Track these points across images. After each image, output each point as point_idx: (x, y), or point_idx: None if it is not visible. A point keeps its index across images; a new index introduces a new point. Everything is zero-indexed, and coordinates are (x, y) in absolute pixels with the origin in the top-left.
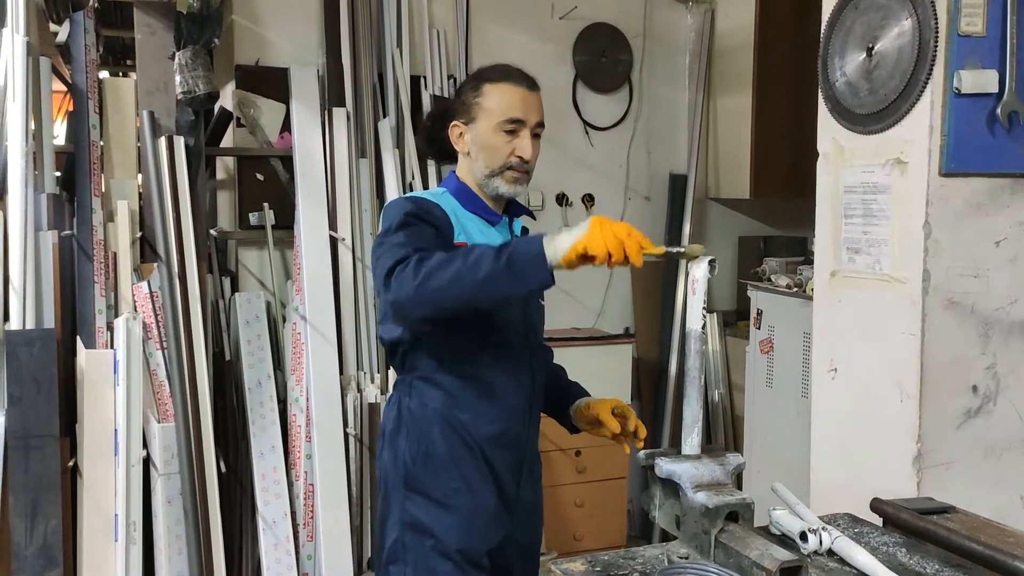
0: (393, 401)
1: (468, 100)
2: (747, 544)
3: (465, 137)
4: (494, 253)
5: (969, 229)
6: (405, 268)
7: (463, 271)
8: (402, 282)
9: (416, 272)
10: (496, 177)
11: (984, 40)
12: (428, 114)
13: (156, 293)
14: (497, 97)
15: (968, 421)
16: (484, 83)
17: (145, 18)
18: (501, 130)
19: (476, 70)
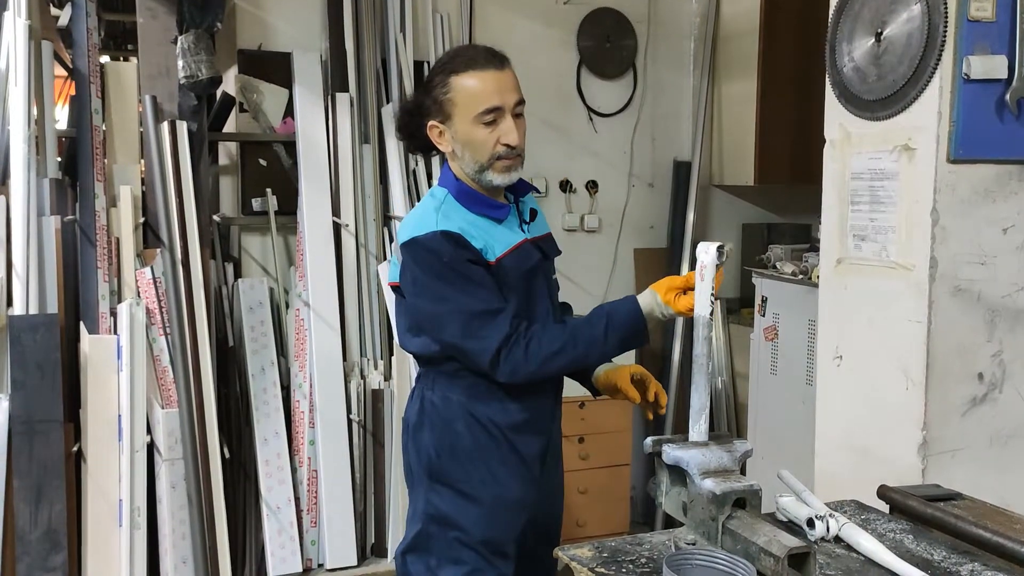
0: (416, 395)
1: (439, 97)
2: (755, 531)
3: (445, 136)
4: (601, 342)
5: (977, 216)
6: (514, 350)
7: (575, 360)
8: (515, 366)
9: (527, 362)
10: (487, 171)
11: (994, 25)
12: (400, 109)
13: (159, 279)
14: (467, 89)
15: (974, 408)
16: (450, 76)
17: (147, 2)
18: (480, 122)
19: (440, 60)
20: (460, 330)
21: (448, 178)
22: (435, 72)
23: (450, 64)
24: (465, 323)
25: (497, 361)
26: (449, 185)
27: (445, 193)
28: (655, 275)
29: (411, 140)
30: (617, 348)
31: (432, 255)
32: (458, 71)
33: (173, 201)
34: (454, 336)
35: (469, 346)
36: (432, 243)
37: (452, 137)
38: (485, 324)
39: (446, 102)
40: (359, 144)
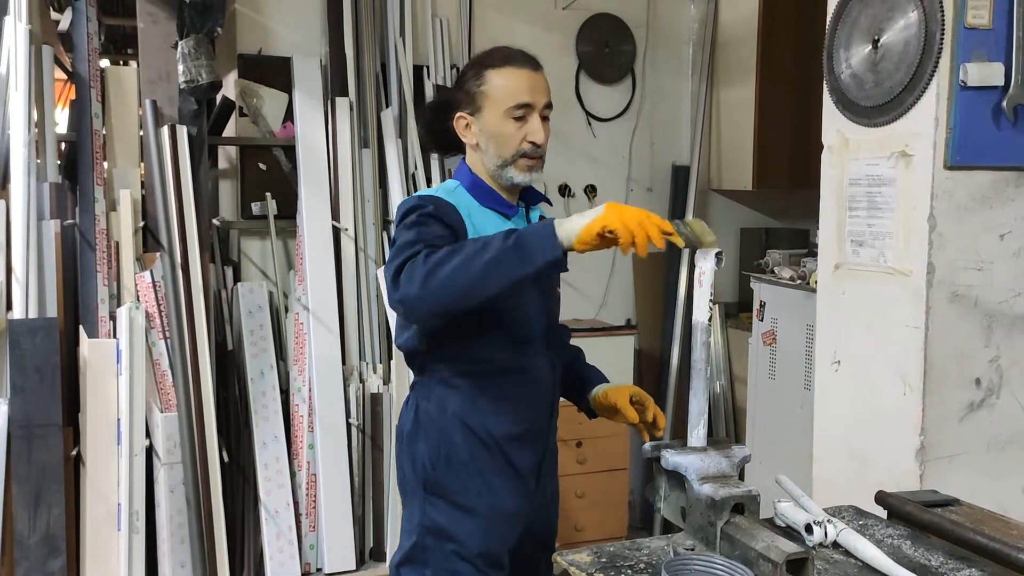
0: (410, 404)
1: (471, 89)
2: (753, 536)
3: (472, 128)
4: (501, 236)
5: (974, 222)
6: (413, 265)
7: (469, 257)
8: (410, 278)
9: (423, 266)
10: (509, 167)
11: (990, 33)
12: (428, 105)
13: (159, 283)
14: (502, 83)
15: (971, 414)
16: (487, 70)
17: (147, 6)
18: (510, 117)
19: (476, 56)
20: (388, 261)
21: (463, 172)
22: (469, 66)
23: (487, 59)
24: (395, 255)
25: (399, 273)
26: (463, 178)
27: (457, 184)
28: (654, 279)
29: (435, 137)
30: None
31: (407, 207)
32: (495, 65)
33: (173, 205)
34: (386, 273)
35: (388, 271)
36: (411, 201)
37: (479, 130)
38: (408, 250)
39: (478, 94)
40: (358, 148)
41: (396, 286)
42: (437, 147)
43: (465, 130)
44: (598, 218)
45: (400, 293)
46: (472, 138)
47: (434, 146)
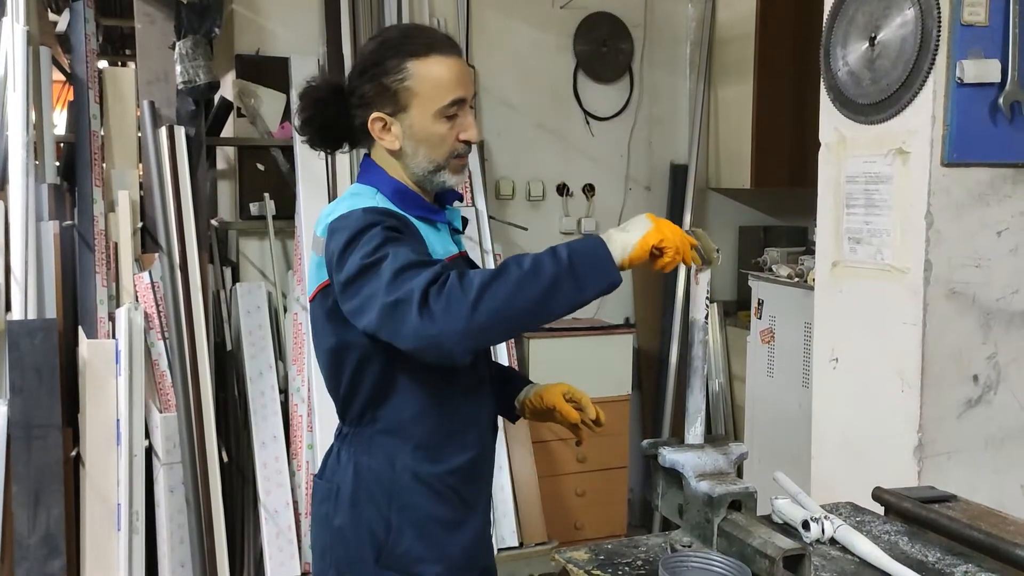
0: (343, 460)
1: (391, 85)
2: (750, 533)
3: (393, 130)
4: (550, 257)
5: (971, 219)
6: (444, 290)
7: (520, 283)
8: (447, 311)
9: (463, 296)
10: (443, 171)
11: (987, 30)
12: (308, 96)
13: (157, 283)
14: (430, 76)
15: (969, 411)
16: (408, 60)
17: (145, 7)
18: (442, 116)
19: (385, 39)
20: (385, 286)
21: (380, 176)
22: (383, 55)
23: (406, 46)
24: (391, 278)
25: (426, 302)
26: (382, 184)
27: (375, 192)
28: (652, 278)
29: (321, 133)
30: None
31: (358, 224)
32: (418, 54)
33: (171, 206)
34: (379, 299)
35: (393, 298)
36: (360, 215)
37: (403, 132)
38: (414, 272)
39: (402, 91)
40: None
41: (425, 316)
42: (325, 144)
43: (383, 132)
44: (650, 232)
45: (436, 328)
46: (393, 142)
47: (322, 144)
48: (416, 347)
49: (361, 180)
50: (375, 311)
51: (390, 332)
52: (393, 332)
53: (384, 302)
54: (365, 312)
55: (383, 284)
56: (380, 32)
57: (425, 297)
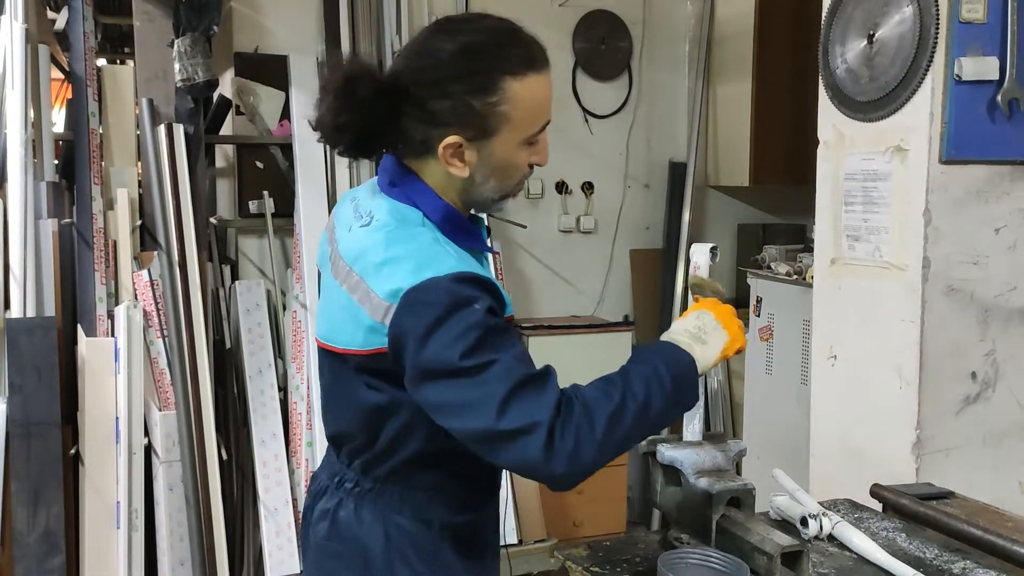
0: (366, 518)
1: (480, 107)
2: (748, 529)
3: (467, 156)
4: (658, 386)
5: (969, 216)
6: (570, 426)
7: (640, 419)
8: (577, 450)
9: (592, 431)
10: (507, 199)
11: (985, 27)
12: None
13: (156, 281)
14: (528, 100)
15: (967, 407)
16: (504, 79)
17: (144, 5)
18: (527, 144)
19: (465, 44)
20: (498, 408)
21: (427, 198)
22: (472, 67)
23: (503, 60)
24: (505, 398)
25: (551, 441)
26: (428, 206)
27: (421, 217)
28: (651, 276)
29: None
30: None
31: (448, 301)
32: (516, 72)
33: (170, 204)
34: (486, 418)
35: (512, 427)
36: (449, 287)
37: (481, 159)
38: (530, 394)
39: (493, 116)
40: None
41: (549, 459)
42: (354, 152)
43: (453, 158)
44: (728, 346)
45: (561, 468)
46: (463, 169)
47: (351, 151)
48: (524, 475)
49: (400, 196)
50: (477, 428)
51: (492, 453)
52: (497, 455)
53: (498, 429)
54: (458, 418)
55: (494, 406)
56: (450, 26)
57: (551, 434)
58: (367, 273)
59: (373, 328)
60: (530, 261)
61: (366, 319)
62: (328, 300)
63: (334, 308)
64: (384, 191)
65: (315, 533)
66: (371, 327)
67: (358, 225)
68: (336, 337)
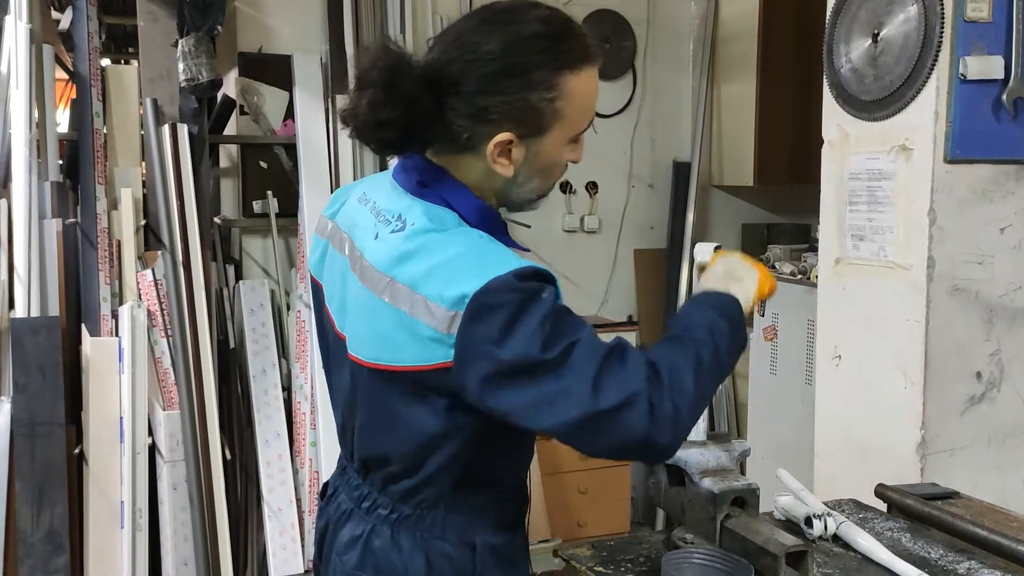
0: (405, 546)
1: (536, 103)
2: (753, 530)
3: (515, 155)
4: (717, 328)
5: (974, 216)
6: (663, 389)
7: (716, 366)
8: (677, 413)
9: (683, 390)
10: (541, 200)
11: (990, 26)
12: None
13: (160, 281)
14: (581, 96)
15: (972, 407)
16: (562, 73)
17: (148, 5)
18: (573, 142)
19: (515, 34)
20: (590, 388)
21: (463, 197)
22: (528, 60)
23: (560, 53)
24: (596, 375)
25: (653, 409)
26: (464, 206)
27: (457, 219)
28: (655, 275)
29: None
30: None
31: (517, 299)
32: (573, 66)
33: (174, 203)
34: (582, 403)
35: (608, 403)
36: (514, 283)
37: (527, 157)
38: (618, 366)
39: (548, 112)
40: (359, 146)
41: (655, 427)
42: (392, 149)
43: (500, 156)
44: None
45: (667, 436)
46: (508, 167)
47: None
48: (628, 454)
49: (432, 198)
50: (575, 416)
51: (593, 440)
52: (598, 439)
53: (598, 409)
54: (549, 413)
55: (587, 388)
56: (498, 16)
57: (651, 403)
58: (418, 282)
59: (437, 340)
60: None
61: (426, 330)
62: (364, 315)
63: (377, 323)
64: (413, 192)
65: (342, 563)
66: (434, 339)
67: (388, 231)
68: (387, 355)
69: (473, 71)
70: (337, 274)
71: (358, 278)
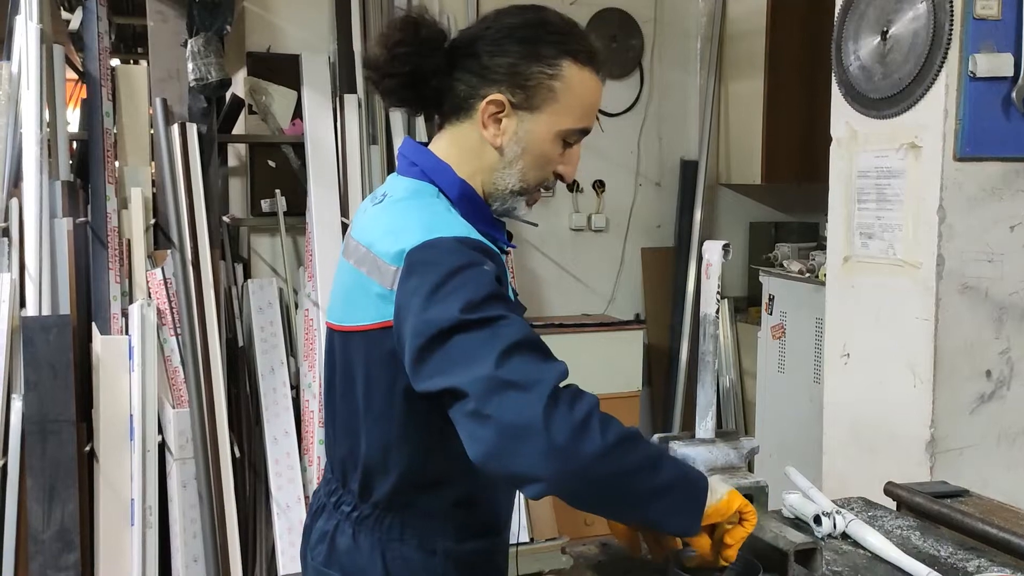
0: (364, 545)
1: (533, 73)
2: (761, 527)
3: (504, 124)
4: (675, 466)
5: (983, 214)
6: (582, 402)
7: (643, 470)
8: (587, 428)
9: (602, 427)
10: (520, 197)
11: (999, 24)
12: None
13: (170, 280)
14: (578, 90)
15: (982, 406)
16: (566, 58)
17: (157, 5)
18: (560, 140)
19: (541, 18)
20: (497, 356)
21: (445, 174)
22: (540, 35)
23: (570, 41)
24: (507, 347)
25: (554, 403)
26: (446, 182)
27: (436, 193)
28: (662, 274)
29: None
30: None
31: (453, 260)
32: (578, 58)
33: (183, 203)
34: (484, 366)
35: (508, 376)
36: (454, 246)
37: (516, 133)
38: (537, 356)
39: (543, 88)
40: (367, 145)
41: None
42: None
43: (491, 119)
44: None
45: (567, 439)
46: (497, 137)
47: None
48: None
49: (415, 173)
50: (473, 376)
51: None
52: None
53: (496, 375)
54: (449, 373)
55: (495, 354)
56: (523, 7)
57: (555, 398)
58: (374, 242)
59: (383, 297)
60: (541, 260)
61: (376, 287)
62: (338, 283)
63: (345, 287)
64: (402, 172)
65: (313, 556)
66: (380, 295)
67: (371, 204)
68: (349, 315)
69: (488, 35)
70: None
71: (343, 252)
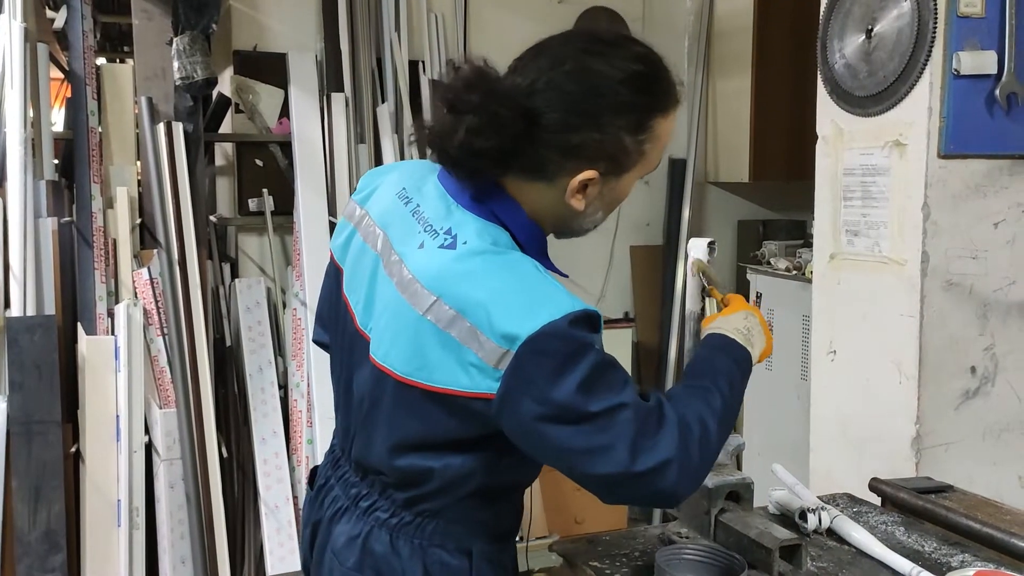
0: (403, 551)
1: (628, 144)
2: (747, 524)
3: (591, 191)
4: (735, 380)
5: (968, 211)
6: (694, 444)
7: (731, 415)
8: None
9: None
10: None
11: (983, 21)
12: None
13: (156, 279)
14: (664, 136)
15: (967, 402)
16: (656, 116)
17: (142, 3)
18: None
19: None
20: (628, 450)
21: (515, 215)
22: (637, 101)
23: (659, 96)
24: (634, 438)
25: (682, 471)
26: (515, 223)
27: (510, 239)
28: (651, 272)
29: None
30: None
31: (569, 349)
32: (665, 110)
33: (170, 202)
34: (618, 463)
35: (642, 467)
36: (567, 332)
37: (599, 195)
38: (655, 431)
39: (637, 154)
40: (355, 144)
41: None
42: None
43: (580, 194)
44: (764, 352)
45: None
46: (581, 202)
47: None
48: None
49: (485, 213)
50: (609, 472)
51: (619, 493)
52: (624, 493)
53: (633, 471)
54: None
55: (626, 450)
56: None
57: (681, 465)
58: (468, 309)
59: (481, 369)
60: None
61: (472, 358)
62: (398, 325)
63: (417, 340)
64: (465, 205)
65: (339, 558)
66: (479, 368)
67: (436, 245)
68: (423, 374)
69: (576, 105)
70: (364, 268)
71: (394, 284)
